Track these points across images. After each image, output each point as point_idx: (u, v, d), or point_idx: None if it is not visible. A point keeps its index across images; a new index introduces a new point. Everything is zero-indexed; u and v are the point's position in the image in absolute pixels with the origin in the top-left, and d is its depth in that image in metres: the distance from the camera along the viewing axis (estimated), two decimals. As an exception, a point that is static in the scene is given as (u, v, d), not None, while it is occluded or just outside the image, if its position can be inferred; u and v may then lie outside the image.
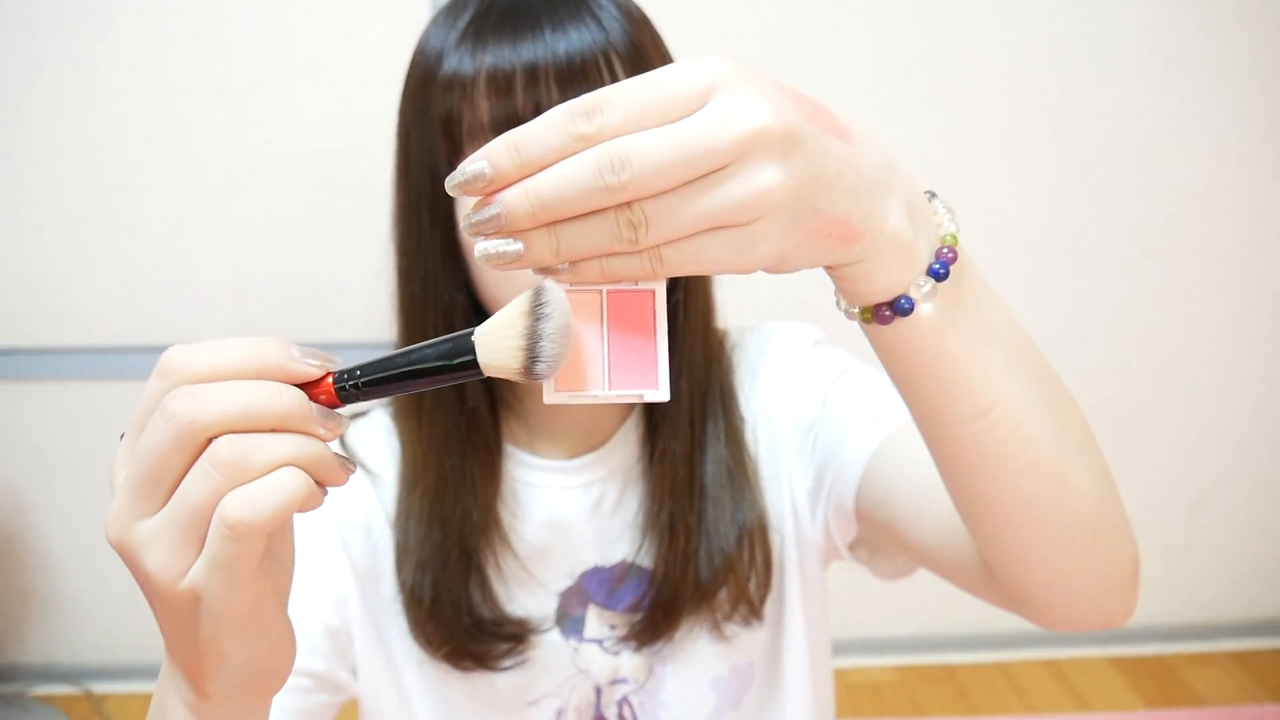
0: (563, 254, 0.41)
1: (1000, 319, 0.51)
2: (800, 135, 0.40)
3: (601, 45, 0.69)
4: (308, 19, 1.71)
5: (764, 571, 0.80)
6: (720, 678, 0.82)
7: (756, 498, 0.80)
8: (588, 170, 0.39)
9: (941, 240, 0.47)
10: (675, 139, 0.39)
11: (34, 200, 1.77)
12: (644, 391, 0.43)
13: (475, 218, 0.41)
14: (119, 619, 1.98)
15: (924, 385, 0.50)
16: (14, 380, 1.85)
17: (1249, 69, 1.83)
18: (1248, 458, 2.02)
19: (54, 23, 1.69)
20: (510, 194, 0.40)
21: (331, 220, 1.78)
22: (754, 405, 0.83)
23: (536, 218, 0.40)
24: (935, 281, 0.46)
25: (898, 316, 0.47)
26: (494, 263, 0.41)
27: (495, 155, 0.40)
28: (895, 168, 0.46)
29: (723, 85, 0.40)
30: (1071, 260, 1.90)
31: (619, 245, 0.40)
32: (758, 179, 0.40)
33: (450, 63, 0.70)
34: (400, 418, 0.81)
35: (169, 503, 0.41)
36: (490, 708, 0.81)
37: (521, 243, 0.41)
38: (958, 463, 0.53)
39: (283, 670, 0.48)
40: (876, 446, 0.74)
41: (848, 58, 1.77)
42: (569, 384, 0.43)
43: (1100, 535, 0.55)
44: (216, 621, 0.42)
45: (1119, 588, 0.58)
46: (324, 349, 0.45)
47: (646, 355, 0.43)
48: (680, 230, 0.40)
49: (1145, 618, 2.06)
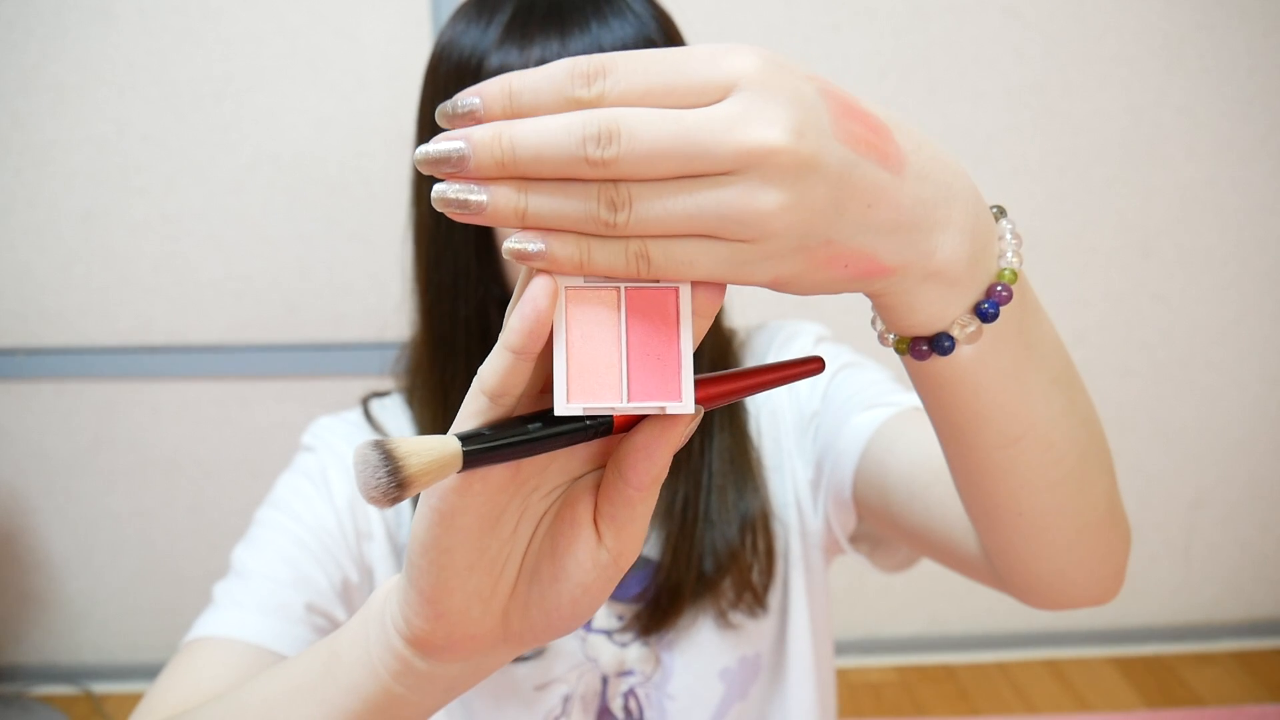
0: (530, 217, 0.36)
1: (1048, 340, 0.47)
2: (820, 161, 0.36)
3: (644, 38, 0.71)
4: (308, 19, 1.71)
5: (766, 561, 0.81)
6: (728, 669, 0.83)
7: (759, 487, 0.81)
8: (571, 135, 0.35)
9: (998, 276, 0.42)
10: (674, 128, 0.35)
11: (34, 200, 1.76)
12: (666, 404, 0.38)
13: (433, 149, 0.36)
14: (118, 619, 1.98)
15: (956, 414, 0.47)
16: (14, 380, 1.85)
17: (1249, 69, 1.83)
18: (1248, 458, 2.02)
19: (54, 23, 1.69)
20: (481, 131, 0.36)
21: (331, 220, 1.78)
22: (758, 399, 0.84)
23: (504, 168, 0.36)
24: (982, 322, 0.42)
25: (935, 354, 0.42)
26: (450, 209, 0.36)
27: (488, 94, 0.36)
28: (956, 200, 0.40)
29: (747, 84, 0.35)
30: (1071, 260, 1.90)
31: (596, 226, 0.36)
32: (756, 199, 0.35)
33: (496, 59, 0.71)
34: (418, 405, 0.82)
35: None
36: (500, 689, 0.81)
37: (486, 194, 0.36)
38: (980, 483, 0.51)
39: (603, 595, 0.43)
40: (872, 434, 0.75)
41: (848, 58, 1.77)
42: (584, 393, 0.38)
43: (1106, 531, 0.56)
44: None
45: (1115, 573, 0.58)
46: (324, 349, 0.44)
47: (669, 363, 0.38)
48: (666, 226, 0.36)
49: (1145, 618, 2.06)
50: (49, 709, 1.87)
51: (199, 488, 1.90)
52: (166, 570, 1.94)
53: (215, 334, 1.82)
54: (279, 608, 0.73)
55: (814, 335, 0.87)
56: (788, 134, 0.35)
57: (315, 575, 0.76)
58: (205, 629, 0.72)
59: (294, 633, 0.72)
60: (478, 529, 0.40)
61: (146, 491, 1.90)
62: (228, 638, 0.71)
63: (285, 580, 0.74)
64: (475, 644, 0.42)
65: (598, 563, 0.41)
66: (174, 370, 1.84)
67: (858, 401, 0.78)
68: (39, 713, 1.86)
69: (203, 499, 1.91)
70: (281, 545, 0.76)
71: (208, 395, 1.86)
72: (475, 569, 0.41)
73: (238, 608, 0.72)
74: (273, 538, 0.76)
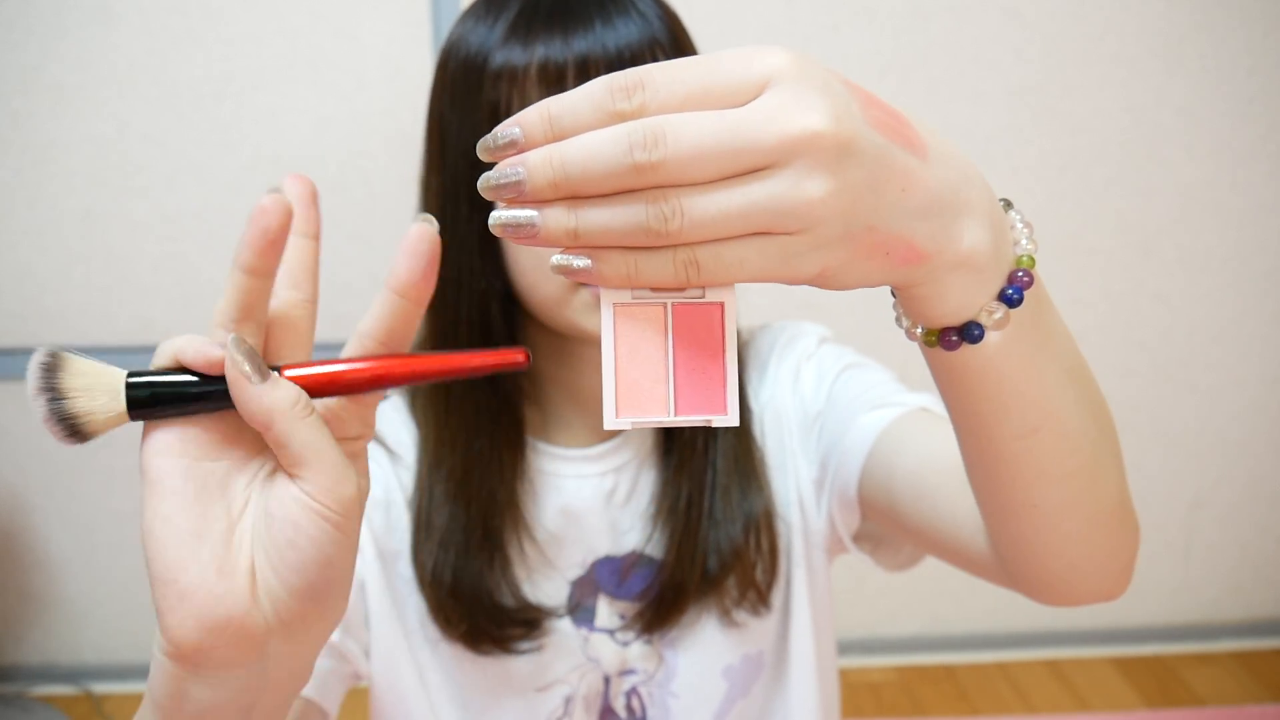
0: (581, 236, 0.37)
1: (1060, 333, 0.48)
2: (859, 145, 0.37)
3: (649, 39, 0.71)
4: (308, 19, 1.71)
5: (770, 560, 0.82)
6: (731, 666, 0.83)
7: (763, 486, 0.82)
8: (618, 144, 0.36)
9: (1017, 262, 0.43)
10: (717, 126, 0.36)
11: (34, 200, 1.77)
12: (712, 417, 0.39)
13: (494, 176, 0.37)
14: (119, 619, 1.98)
15: (979, 405, 0.47)
16: (14, 380, 1.85)
17: (1249, 69, 1.83)
18: (1248, 458, 2.02)
19: (54, 22, 1.69)
20: (534, 156, 0.37)
21: (331, 220, 1.77)
22: (761, 398, 0.85)
23: (558, 188, 0.37)
24: (1008, 308, 0.43)
25: (965, 343, 0.43)
26: (507, 233, 0.37)
27: (528, 122, 0.37)
28: (974, 185, 0.42)
29: (780, 78, 0.36)
30: (1071, 260, 1.90)
31: (647, 238, 0.37)
32: (803, 187, 0.36)
33: (500, 56, 0.71)
34: (422, 402, 0.82)
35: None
36: (501, 690, 0.82)
37: (540, 215, 0.37)
38: (997, 475, 0.52)
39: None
40: (879, 433, 0.75)
41: (848, 58, 1.77)
42: (631, 408, 0.39)
43: (1117, 526, 0.56)
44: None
45: (1124, 569, 0.59)
46: (324, 349, 0.45)
47: (714, 376, 0.39)
48: (717, 230, 0.37)
49: (1145, 618, 2.06)
50: (49, 709, 1.87)
51: (199, 488, 1.90)
52: (166, 570, 1.94)
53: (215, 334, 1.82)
54: None
55: (817, 336, 0.87)
56: (828, 119, 0.36)
57: None
58: None
59: None
60: (193, 494, 0.41)
61: (146, 491, 1.90)
62: None
63: None
64: (235, 632, 0.40)
65: (296, 498, 0.41)
66: (174, 370, 1.84)
67: (864, 401, 0.78)
68: (39, 713, 1.86)
69: (203, 499, 1.90)
70: None
71: (208, 395, 1.86)
72: (203, 537, 0.40)
73: None
74: None
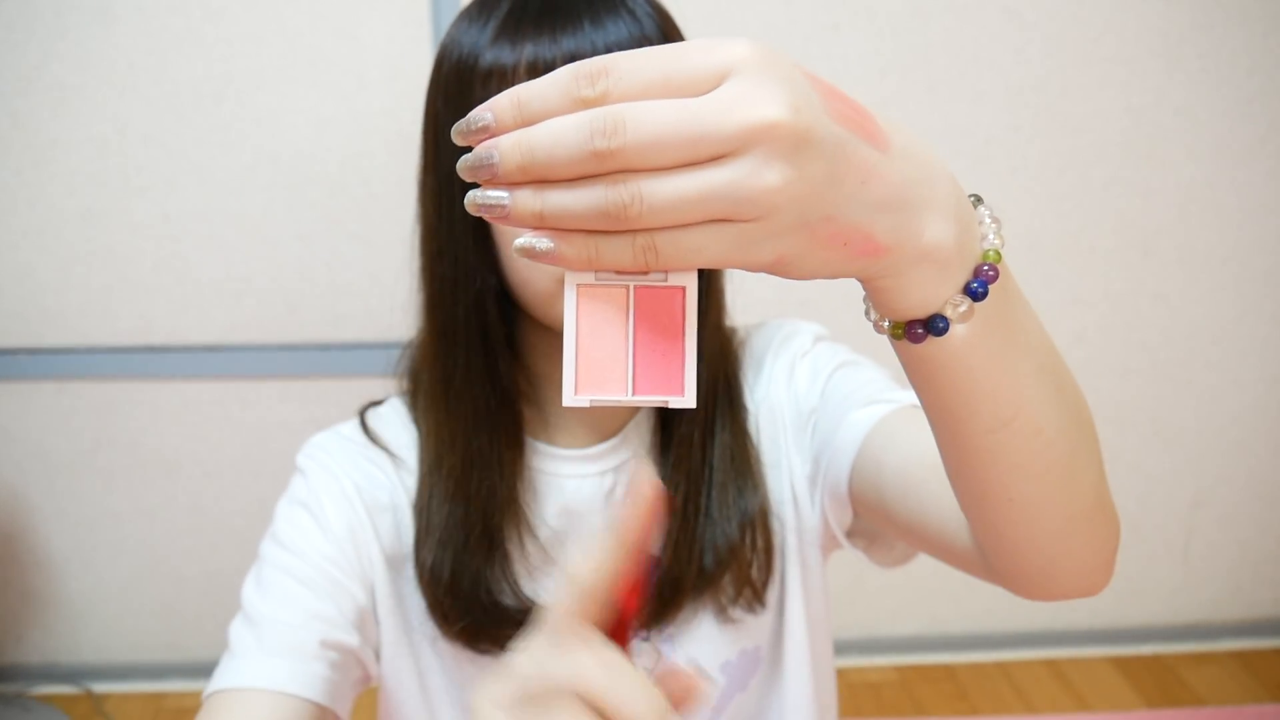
0: (546, 218, 0.39)
1: (1032, 328, 0.49)
2: (817, 135, 0.38)
3: (639, 39, 0.71)
4: (308, 19, 1.71)
5: (765, 558, 0.82)
6: (729, 662, 0.84)
7: (759, 484, 0.82)
8: (580, 131, 0.37)
9: (983, 256, 0.44)
10: (677, 114, 0.37)
11: (34, 200, 1.77)
12: (669, 397, 0.41)
13: (471, 158, 0.39)
14: (119, 619, 1.98)
15: (949, 398, 0.48)
16: (14, 380, 1.85)
17: (1249, 69, 1.83)
18: (1248, 458, 2.02)
19: (54, 23, 1.69)
20: (505, 140, 0.39)
21: (331, 220, 1.78)
22: (756, 396, 0.85)
23: (526, 171, 0.38)
24: (973, 301, 0.44)
25: (930, 336, 0.44)
26: (481, 211, 0.40)
27: (499, 107, 0.39)
28: (938, 180, 0.43)
29: (741, 69, 0.37)
30: (1071, 260, 1.90)
31: (607, 222, 0.38)
32: (760, 175, 0.37)
33: (489, 56, 0.72)
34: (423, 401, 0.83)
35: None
36: None
37: (509, 196, 0.39)
38: (971, 468, 0.52)
39: None
40: (868, 429, 0.76)
41: (848, 58, 1.77)
42: (591, 386, 0.41)
43: (1095, 522, 0.56)
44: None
45: (1105, 564, 0.59)
46: (324, 349, 0.45)
47: (673, 358, 0.41)
48: (675, 216, 0.38)
49: (1145, 618, 2.07)
50: (49, 709, 1.88)
51: (199, 487, 1.90)
52: (166, 570, 1.94)
53: (215, 334, 1.82)
54: (293, 649, 0.74)
55: (812, 334, 0.88)
56: (786, 109, 0.37)
57: (325, 609, 0.76)
58: (225, 680, 0.73)
59: (311, 670, 0.73)
60: None
61: (146, 491, 1.91)
62: (249, 688, 0.72)
63: (296, 622, 0.75)
64: None
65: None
66: (174, 370, 1.84)
67: (856, 398, 0.79)
68: (39, 713, 1.86)
69: (203, 499, 1.91)
70: (288, 586, 0.77)
71: (208, 395, 1.86)
72: None
73: (254, 655, 0.74)
74: (278, 579, 0.77)
